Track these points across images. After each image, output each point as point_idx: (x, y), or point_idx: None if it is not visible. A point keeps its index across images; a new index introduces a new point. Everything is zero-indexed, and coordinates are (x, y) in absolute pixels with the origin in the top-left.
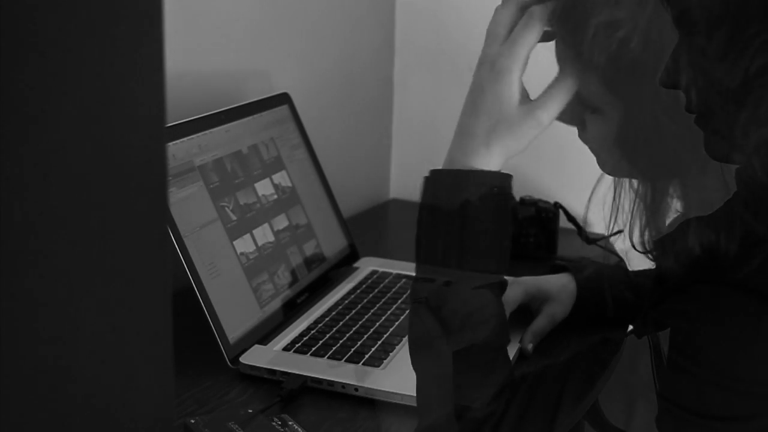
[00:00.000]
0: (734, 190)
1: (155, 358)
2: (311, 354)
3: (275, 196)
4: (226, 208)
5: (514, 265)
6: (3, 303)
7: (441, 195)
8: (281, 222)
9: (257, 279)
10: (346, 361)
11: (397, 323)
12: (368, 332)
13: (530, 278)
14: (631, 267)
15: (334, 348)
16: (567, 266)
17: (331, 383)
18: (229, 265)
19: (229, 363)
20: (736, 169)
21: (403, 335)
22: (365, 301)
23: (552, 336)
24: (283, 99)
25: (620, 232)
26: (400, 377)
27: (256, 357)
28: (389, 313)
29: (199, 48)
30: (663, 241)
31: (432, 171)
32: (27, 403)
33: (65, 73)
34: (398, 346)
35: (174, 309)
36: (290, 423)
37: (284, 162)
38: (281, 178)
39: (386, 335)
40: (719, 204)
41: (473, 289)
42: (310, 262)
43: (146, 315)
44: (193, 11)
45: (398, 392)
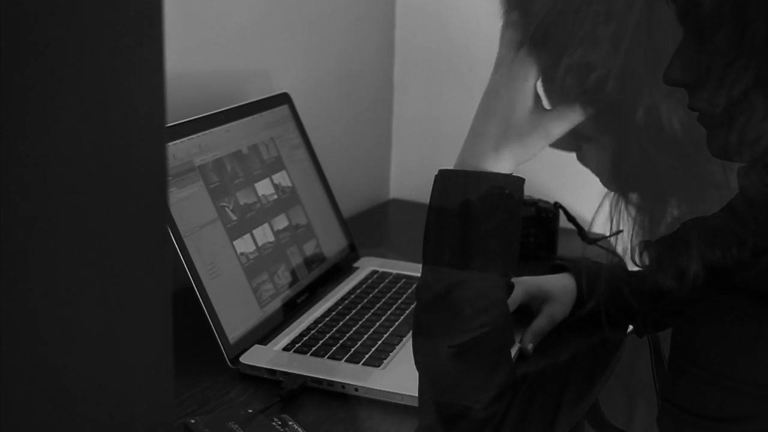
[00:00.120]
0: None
1: (155, 358)
2: (311, 354)
3: (275, 196)
4: (226, 208)
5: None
6: (3, 303)
7: (451, 195)
8: (281, 222)
9: (257, 279)
10: (346, 361)
11: (397, 323)
12: (368, 332)
13: (530, 278)
14: (631, 267)
15: (334, 348)
16: (567, 266)
17: (331, 383)
18: (229, 265)
19: (229, 363)
20: (738, 170)
21: (403, 335)
22: (365, 301)
23: (552, 336)
24: (283, 99)
25: (620, 232)
26: (400, 377)
27: (256, 357)
28: (389, 313)
29: (199, 48)
30: (661, 259)
31: (442, 171)
32: (27, 403)
33: (65, 73)
34: (398, 346)
35: (174, 309)
36: (290, 423)
37: (284, 162)
38: (281, 178)
39: (386, 335)
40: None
41: (480, 291)
42: (310, 262)
43: (146, 315)
44: (193, 11)
45: (398, 392)
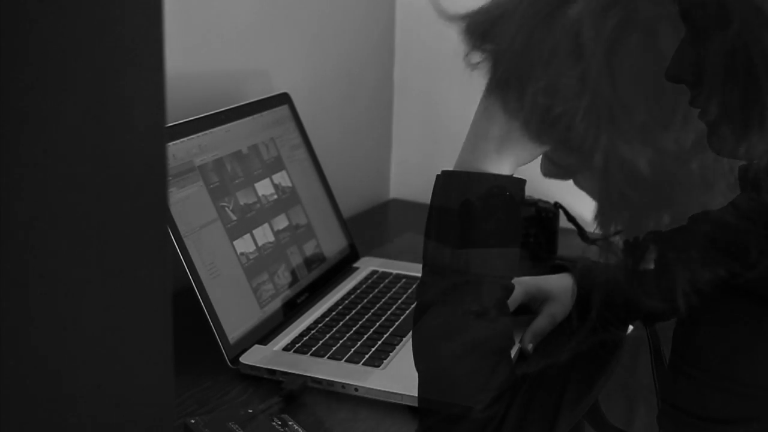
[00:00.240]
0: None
1: (155, 358)
2: (311, 354)
3: (275, 196)
4: (226, 208)
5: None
6: (3, 303)
7: (452, 196)
8: (281, 222)
9: (257, 279)
10: (346, 361)
11: (397, 323)
12: (368, 332)
13: (530, 278)
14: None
15: (334, 348)
16: (567, 266)
17: (331, 383)
18: (229, 265)
19: (229, 363)
20: (739, 168)
21: (403, 335)
22: (365, 301)
23: (552, 336)
24: (283, 99)
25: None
26: (400, 377)
27: (256, 357)
28: (389, 313)
29: (199, 48)
30: (647, 288)
31: (444, 172)
32: (27, 403)
33: (65, 74)
34: (398, 346)
35: (174, 309)
36: (290, 423)
37: (284, 162)
38: (281, 178)
39: (386, 335)
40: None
41: (480, 292)
42: (310, 262)
43: (146, 315)
44: (194, 11)
45: (398, 392)
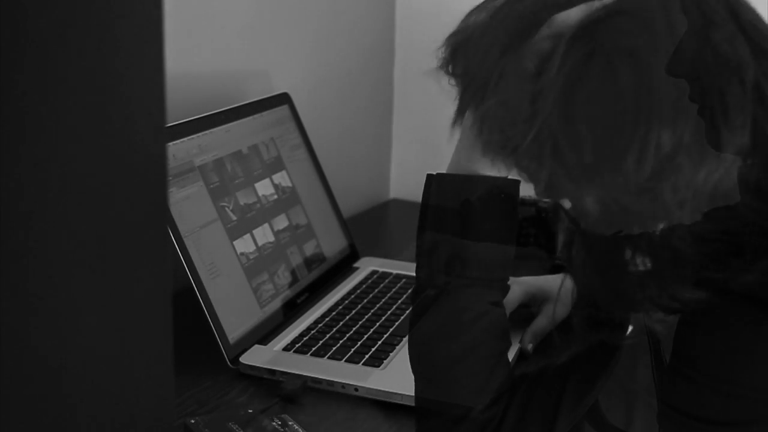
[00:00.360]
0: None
1: (155, 358)
2: (311, 354)
3: (275, 196)
4: (226, 208)
5: (514, 265)
6: (3, 303)
7: (447, 199)
8: (281, 222)
9: (257, 279)
10: (346, 361)
11: (397, 323)
12: (368, 332)
13: (530, 278)
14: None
15: (334, 348)
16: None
17: (331, 383)
18: (229, 265)
19: (229, 363)
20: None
21: (403, 335)
22: (365, 301)
23: (552, 336)
24: (283, 99)
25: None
26: (400, 377)
27: (256, 357)
28: (389, 313)
29: (199, 48)
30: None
31: (438, 174)
32: (27, 403)
33: (65, 74)
34: (398, 346)
35: (174, 309)
36: (290, 423)
37: (284, 162)
38: (281, 178)
39: (386, 335)
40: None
41: (477, 294)
42: (310, 262)
43: (146, 315)
44: (193, 11)
45: (398, 392)
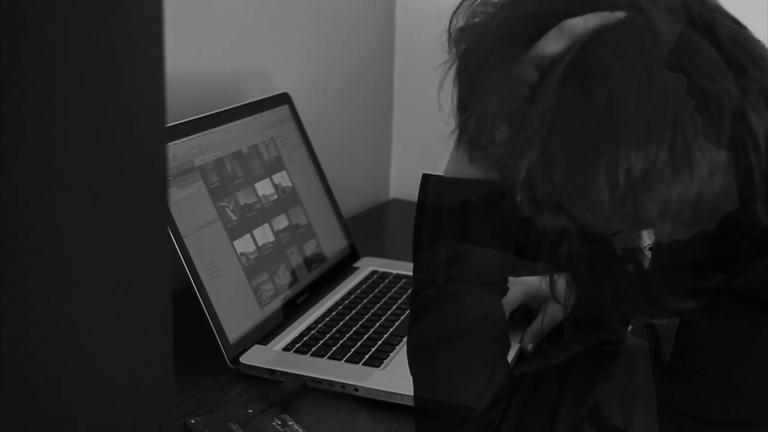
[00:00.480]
0: None
1: (155, 358)
2: (311, 354)
3: (275, 196)
4: (226, 208)
5: (514, 266)
6: (2, 303)
7: (445, 201)
8: (281, 222)
9: (257, 279)
10: (346, 361)
11: (397, 323)
12: (368, 332)
13: (530, 278)
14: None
15: (334, 348)
16: None
17: (331, 383)
18: (229, 265)
19: (229, 363)
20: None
21: (403, 335)
22: (365, 301)
23: (552, 336)
24: (283, 99)
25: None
26: (400, 377)
27: (256, 357)
28: (389, 313)
29: (199, 48)
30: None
31: (435, 178)
32: (27, 403)
33: (65, 74)
34: (398, 346)
35: (174, 309)
36: (290, 423)
37: (284, 162)
38: (281, 178)
39: (386, 335)
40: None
41: (476, 297)
42: (310, 262)
43: (146, 315)
44: (193, 11)
45: (398, 392)
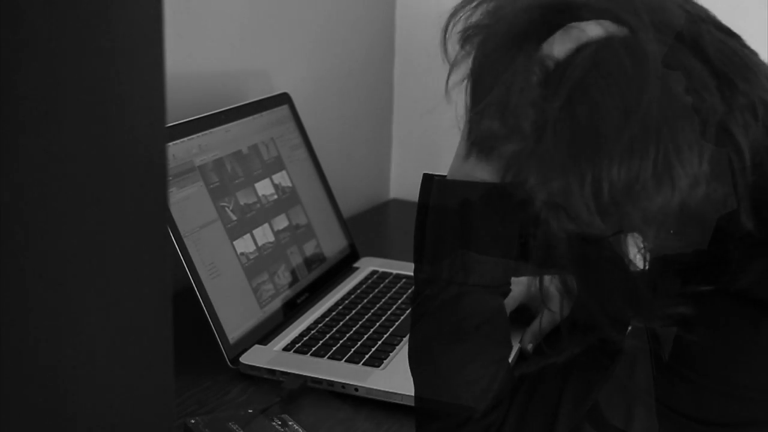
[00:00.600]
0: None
1: (155, 358)
2: (311, 354)
3: (275, 196)
4: (226, 208)
5: (515, 267)
6: (2, 303)
7: (448, 203)
8: (281, 222)
9: (257, 279)
10: (346, 361)
11: (397, 323)
12: (368, 332)
13: (530, 278)
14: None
15: (334, 348)
16: None
17: (331, 383)
18: (229, 265)
19: (229, 363)
20: None
21: (403, 335)
22: (365, 302)
23: (552, 336)
24: (283, 99)
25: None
26: (400, 377)
27: (256, 357)
28: (389, 313)
29: (199, 48)
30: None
31: (438, 179)
32: (27, 403)
33: (65, 74)
34: (398, 346)
35: (174, 309)
36: (290, 423)
37: (284, 162)
38: (281, 178)
39: (386, 335)
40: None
41: (479, 301)
42: (310, 262)
43: (146, 315)
44: (194, 11)
45: (398, 392)
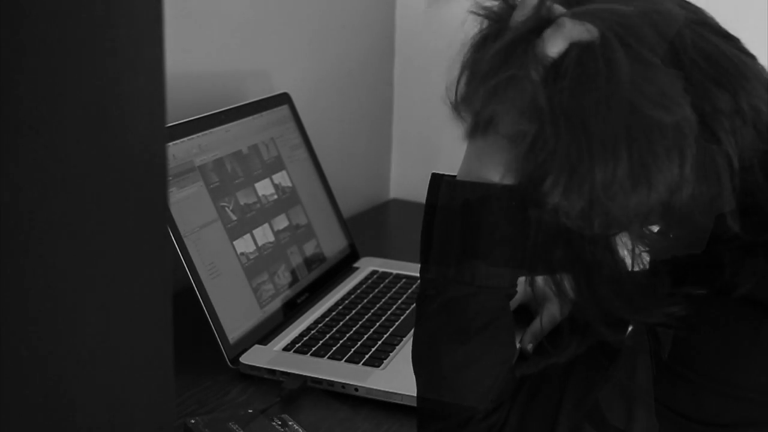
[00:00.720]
0: None
1: (155, 358)
2: (311, 354)
3: (275, 196)
4: (226, 208)
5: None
6: (3, 303)
7: (456, 204)
8: (281, 222)
9: (257, 279)
10: (346, 361)
11: (397, 323)
12: (368, 332)
13: (534, 278)
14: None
15: (334, 348)
16: None
17: (331, 383)
18: (229, 265)
19: (229, 363)
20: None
21: (403, 335)
22: (365, 301)
23: (552, 336)
24: (283, 99)
25: (620, 232)
26: (400, 377)
27: (256, 357)
28: (389, 313)
29: (199, 48)
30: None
31: (447, 179)
32: (27, 403)
33: (66, 74)
34: (398, 346)
35: (174, 309)
36: (290, 423)
37: (284, 162)
38: (281, 178)
39: (386, 335)
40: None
41: (484, 302)
42: (310, 262)
43: (146, 315)
44: (193, 11)
45: (398, 392)
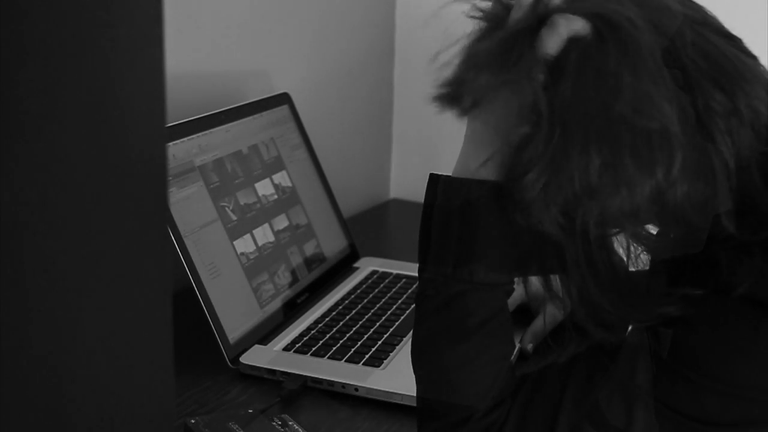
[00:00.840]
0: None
1: (155, 358)
2: (311, 354)
3: (275, 196)
4: (227, 208)
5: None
6: (3, 303)
7: (454, 202)
8: (281, 222)
9: (257, 279)
10: (346, 361)
11: (397, 323)
12: (368, 332)
13: (531, 278)
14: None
15: (334, 348)
16: None
17: (331, 383)
18: (229, 265)
19: (229, 363)
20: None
21: (403, 335)
22: (365, 301)
23: (552, 336)
24: (283, 99)
25: (620, 232)
26: (400, 377)
27: (256, 357)
28: (389, 313)
29: (199, 48)
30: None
31: (444, 178)
32: (27, 403)
33: (66, 74)
34: (398, 346)
35: (174, 309)
36: (290, 423)
37: (284, 162)
38: (281, 178)
39: (386, 335)
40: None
41: (482, 299)
42: (310, 262)
43: (146, 315)
44: (194, 11)
45: (398, 392)
